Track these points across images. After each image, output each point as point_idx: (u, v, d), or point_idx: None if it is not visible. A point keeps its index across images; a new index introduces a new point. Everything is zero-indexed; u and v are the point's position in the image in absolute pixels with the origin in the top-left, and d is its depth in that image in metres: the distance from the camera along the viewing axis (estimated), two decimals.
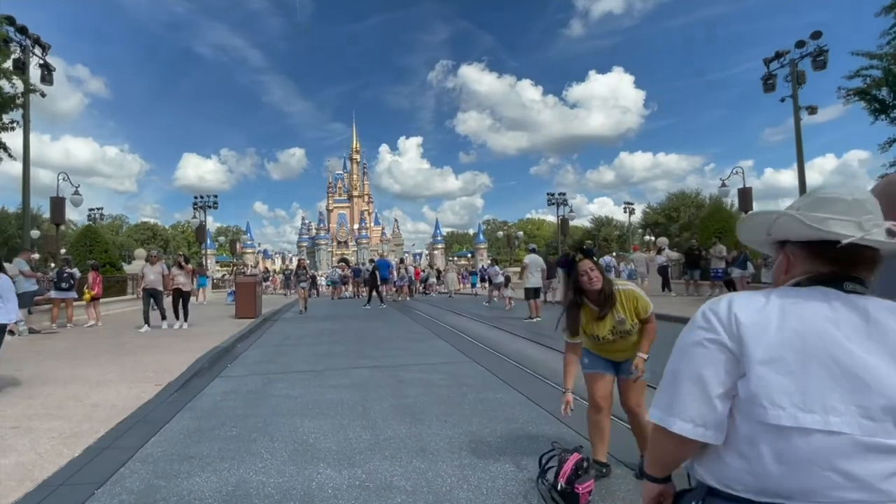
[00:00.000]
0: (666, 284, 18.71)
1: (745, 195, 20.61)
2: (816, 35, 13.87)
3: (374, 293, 19.80)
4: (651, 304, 3.22)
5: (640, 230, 66.45)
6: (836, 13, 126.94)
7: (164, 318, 11.65)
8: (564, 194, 38.36)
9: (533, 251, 14.27)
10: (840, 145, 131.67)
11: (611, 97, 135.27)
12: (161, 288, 11.42)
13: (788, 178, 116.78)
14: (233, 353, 8.70)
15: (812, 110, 15.07)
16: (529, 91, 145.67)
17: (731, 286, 15.70)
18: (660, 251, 18.94)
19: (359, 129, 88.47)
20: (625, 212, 48.84)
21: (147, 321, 11.26)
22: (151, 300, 11.39)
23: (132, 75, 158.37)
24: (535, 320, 12.66)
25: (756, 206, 20.47)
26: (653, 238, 47.30)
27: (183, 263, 12.15)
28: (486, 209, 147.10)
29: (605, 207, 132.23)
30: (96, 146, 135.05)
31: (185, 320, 11.82)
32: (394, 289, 23.63)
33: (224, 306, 18.07)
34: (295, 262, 78.42)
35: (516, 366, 6.90)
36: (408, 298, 22.69)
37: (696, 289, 17.57)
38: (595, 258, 3.18)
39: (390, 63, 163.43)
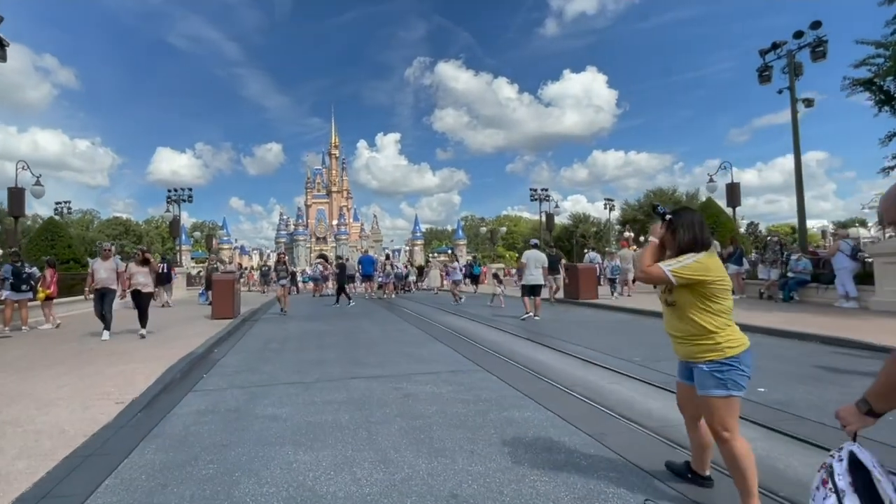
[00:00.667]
0: None
1: (734, 190, 20.24)
2: (816, 25, 13.41)
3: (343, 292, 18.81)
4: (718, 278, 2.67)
5: (617, 227, 66.55)
6: (799, 19, 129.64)
7: (144, 324, 9.78)
8: (547, 190, 37.88)
9: (535, 246, 13.44)
10: (801, 145, 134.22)
11: (584, 96, 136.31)
12: (113, 287, 9.53)
13: (752, 177, 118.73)
14: (209, 360, 7.69)
15: (808, 103, 14.65)
16: (505, 89, 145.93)
17: None
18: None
19: (337, 124, 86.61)
20: (605, 207, 48.53)
21: (107, 325, 9.42)
22: (103, 302, 9.42)
23: (104, 66, 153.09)
24: (536, 318, 11.90)
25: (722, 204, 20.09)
26: (632, 234, 47.23)
27: (143, 260, 10.01)
28: (463, 206, 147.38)
29: (579, 205, 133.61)
30: (66, 139, 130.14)
31: (143, 326, 9.72)
32: (375, 286, 22.66)
33: (198, 306, 16.85)
34: (273, 259, 76.80)
35: (533, 375, 6.09)
36: (393, 296, 21.73)
37: None
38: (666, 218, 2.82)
39: (368, 59, 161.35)
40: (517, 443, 3.82)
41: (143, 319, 9.80)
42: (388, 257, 25.82)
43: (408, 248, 78.68)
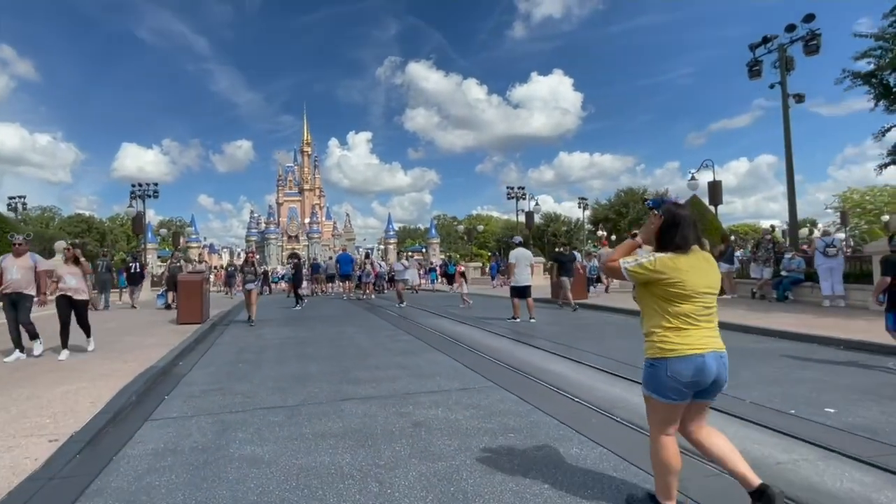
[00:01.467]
0: None
1: (715, 188, 19.90)
2: (809, 18, 12.99)
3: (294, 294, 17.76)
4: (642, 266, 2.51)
5: (588, 226, 66.71)
6: (753, 29, 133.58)
7: (87, 334, 7.95)
8: (523, 188, 37.37)
9: (520, 244, 12.58)
10: (752, 150, 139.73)
11: (551, 98, 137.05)
12: (29, 291, 7.40)
13: (708, 178, 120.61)
14: (172, 376, 6.54)
15: (799, 98, 14.25)
16: (475, 90, 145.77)
17: None
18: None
19: (309, 122, 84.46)
20: (579, 206, 48.35)
21: (18, 344, 7.32)
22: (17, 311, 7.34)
23: (65, 58, 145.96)
24: (531, 321, 11.06)
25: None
26: (604, 233, 47.19)
27: (72, 258, 7.76)
28: (434, 205, 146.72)
29: (546, 205, 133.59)
30: (25, 133, 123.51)
31: (88, 337, 7.97)
32: (353, 286, 21.49)
33: (163, 311, 15.33)
34: (243, 258, 73.44)
35: (557, 392, 5.18)
36: (373, 296, 20.55)
37: None
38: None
39: (341, 57, 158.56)
40: (579, 491, 2.89)
41: (84, 329, 7.89)
42: (367, 255, 24.35)
43: (381, 246, 77.21)
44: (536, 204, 32.21)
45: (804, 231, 33.87)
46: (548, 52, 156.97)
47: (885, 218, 43.45)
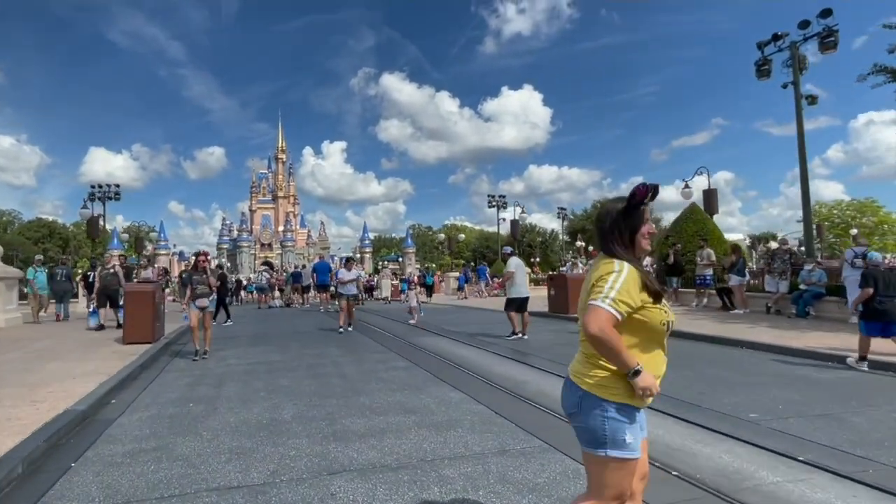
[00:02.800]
0: None
1: (710, 196, 18.87)
2: (826, 13, 12.04)
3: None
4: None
5: (564, 237, 66.10)
6: (714, 48, 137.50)
7: None
8: (504, 197, 36.16)
9: (512, 254, 11.10)
10: (711, 166, 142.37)
11: (521, 113, 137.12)
12: None
13: (671, 193, 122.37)
14: (94, 423, 4.77)
15: (812, 100, 13.31)
16: (447, 102, 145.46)
17: (724, 294, 13.52)
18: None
19: (283, 129, 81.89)
20: (558, 216, 47.44)
21: None
22: None
23: (32, 60, 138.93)
24: (524, 338, 9.61)
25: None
26: (583, 244, 46.35)
27: None
28: (408, 215, 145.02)
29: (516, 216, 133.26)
30: None
31: None
32: (329, 297, 19.61)
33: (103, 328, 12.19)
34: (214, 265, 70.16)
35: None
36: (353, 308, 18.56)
37: (677, 298, 15.32)
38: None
39: (317, 66, 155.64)
40: None
41: None
42: (348, 261, 21.36)
43: (357, 255, 75.05)
44: (523, 211, 30.82)
45: (773, 244, 33.70)
46: (518, 67, 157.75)
47: (854, 231, 44.01)
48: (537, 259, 64.11)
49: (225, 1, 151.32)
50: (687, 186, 19.80)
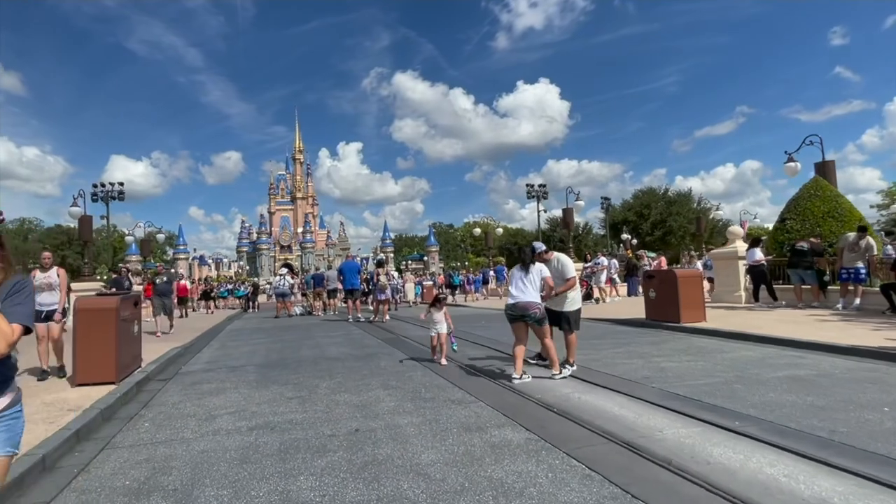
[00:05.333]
0: (760, 291, 12.66)
1: (827, 170, 15.13)
2: None
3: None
4: None
5: (598, 230, 62.18)
6: (736, 35, 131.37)
7: None
8: (544, 186, 32.70)
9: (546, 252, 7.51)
10: (737, 156, 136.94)
11: (538, 108, 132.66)
12: None
13: (695, 184, 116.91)
14: None
15: None
16: (461, 100, 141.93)
17: (893, 291, 9.94)
18: (755, 243, 12.87)
19: (300, 131, 79.34)
20: (601, 207, 43.74)
21: None
22: None
23: (55, 71, 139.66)
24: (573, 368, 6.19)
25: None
26: (628, 236, 42.55)
27: None
28: (426, 214, 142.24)
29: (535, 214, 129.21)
30: (12, 146, 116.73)
31: None
32: (359, 303, 16.44)
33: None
34: (233, 270, 67.70)
35: None
36: (387, 318, 14.96)
37: (815, 297, 11.72)
38: None
39: (332, 68, 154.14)
40: None
41: None
42: (380, 264, 17.91)
43: (381, 256, 72.20)
44: (577, 198, 26.76)
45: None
46: (533, 62, 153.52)
47: None
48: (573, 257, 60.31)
49: (241, 7, 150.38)
50: (792, 160, 16.11)
